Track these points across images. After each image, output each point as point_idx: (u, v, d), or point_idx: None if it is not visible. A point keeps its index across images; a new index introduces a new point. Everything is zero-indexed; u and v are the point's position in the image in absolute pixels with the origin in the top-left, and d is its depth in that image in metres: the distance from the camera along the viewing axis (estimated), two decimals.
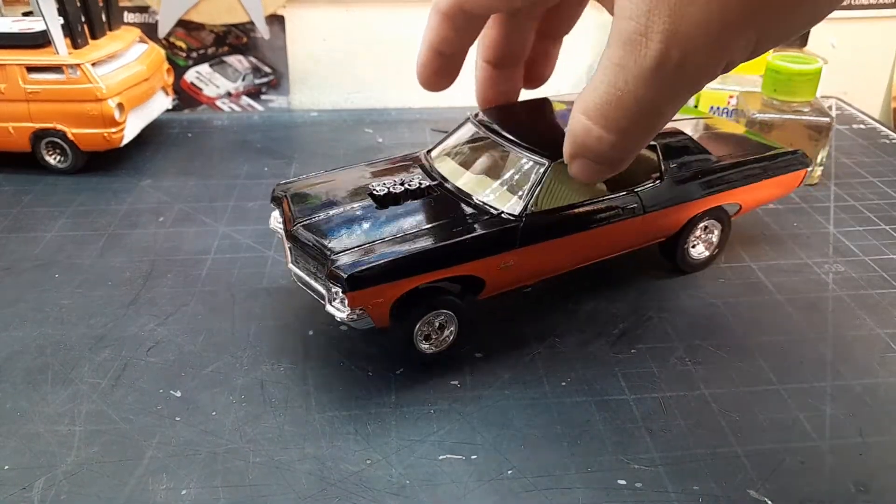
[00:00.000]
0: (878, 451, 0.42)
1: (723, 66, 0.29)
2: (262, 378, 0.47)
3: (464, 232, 0.46)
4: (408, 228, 0.47)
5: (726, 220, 0.59)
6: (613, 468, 0.41)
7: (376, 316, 0.45)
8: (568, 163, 0.35)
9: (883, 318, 0.54)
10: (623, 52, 0.28)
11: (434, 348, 0.48)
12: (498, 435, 0.43)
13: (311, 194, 0.52)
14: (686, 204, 0.55)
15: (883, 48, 1.02)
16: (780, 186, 0.60)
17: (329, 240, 0.46)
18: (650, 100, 0.29)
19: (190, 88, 0.98)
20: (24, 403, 0.45)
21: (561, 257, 0.51)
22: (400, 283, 0.45)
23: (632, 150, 0.33)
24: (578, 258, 0.53)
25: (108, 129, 0.73)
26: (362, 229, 0.47)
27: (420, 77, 0.44)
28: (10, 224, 0.66)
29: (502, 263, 0.48)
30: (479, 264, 0.47)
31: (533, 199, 0.48)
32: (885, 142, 0.86)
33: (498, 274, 0.48)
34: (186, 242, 0.63)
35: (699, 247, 0.59)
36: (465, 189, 0.50)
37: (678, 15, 0.26)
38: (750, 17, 0.27)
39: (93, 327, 0.52)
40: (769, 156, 0.59)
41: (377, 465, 0.41)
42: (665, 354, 0.50)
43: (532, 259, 0.49)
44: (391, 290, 0.45)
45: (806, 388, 0.47)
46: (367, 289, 0.44)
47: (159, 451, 0.42)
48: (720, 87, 0.79)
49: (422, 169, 0.53)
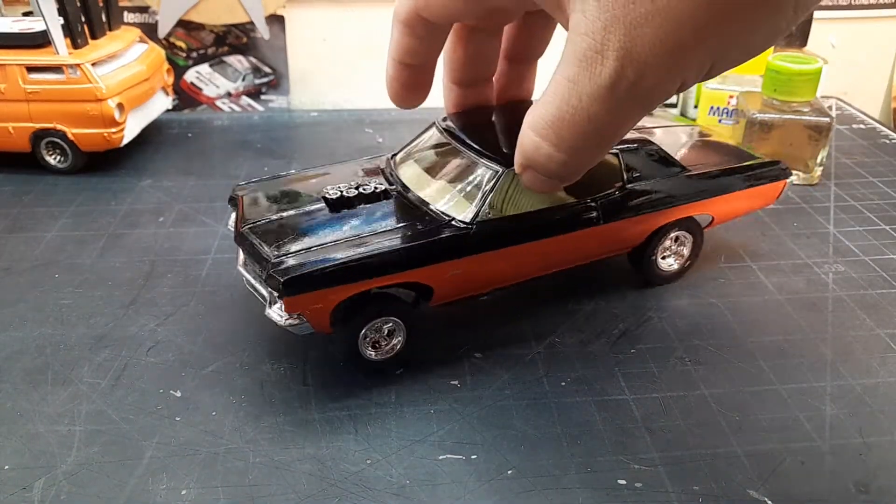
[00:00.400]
0: (878, 451, 0.42)
1: (678, 86, 0.28)
2: (263, 378, 0.47)
3: (411, 238, 0.45)
4: (354, 233, 0.46)
5: (698, 232, 0.57)
6: (613, 468, 0.41)
7: (315, 322, 0.44)
8: (518, 174, 0.35)
9: (883, 318, 0.54)
10: (577, 69, 0.28)
11: (380, 356, 0.47)
12: (498, 435, 0.43)
13: (266, 196, 0.51)
14: (650, 214, 0.53)
15: (883, 48, 1.02)
16: (757, 198, 0.59)
17: (271, 243, 0.45)
18: (603, 118, 0.29)
19: (190, 88, 0.98)
20: (24, 403, 0.45)
21: (515, 266, 0.50)
22: (339, 288, 0.44)
23: (582, 167, 0.32)
24: (534, 268, 0.51)
25: (108, 130, 0.73)
26: (308, 233, 0.46)
27: (390, 92, 0.42)
28: (10, 224, 0.66)
29: (451, 271, 0.46)
30: (426, 271, 0.46)
31: (485, 206, 0.46)
32: (885, 142, 0.86)
33: (447, 282, 0.47)
34: (186, 242, 0.63)
35: (669, 258, 0.57)
36: (420, 194, 0.49)
37: (634, 34, 0.26)
38: (704, 40, 0.26)
39: (93, 327, 0.52)
40: (745, 166, 0.57)
41: (377, 465, 0.41)
42: (665, 354, 0.50)
43: (483, 267, 0.48)
44: (331, 296, 0.44)
45: (806, 388, 0.47)
46: (304, 294, 0.43)
47: (159, 451, 0.42)
48: (720, 87, 0.79)
49: (383, 173, 0.52)
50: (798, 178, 0.73)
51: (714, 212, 0.57)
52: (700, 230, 0.57)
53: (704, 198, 0.55)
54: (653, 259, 0.56)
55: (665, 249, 0.57)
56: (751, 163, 0.58)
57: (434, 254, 0.45)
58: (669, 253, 0.57)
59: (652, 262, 0.56)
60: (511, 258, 0.48)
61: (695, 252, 0.58)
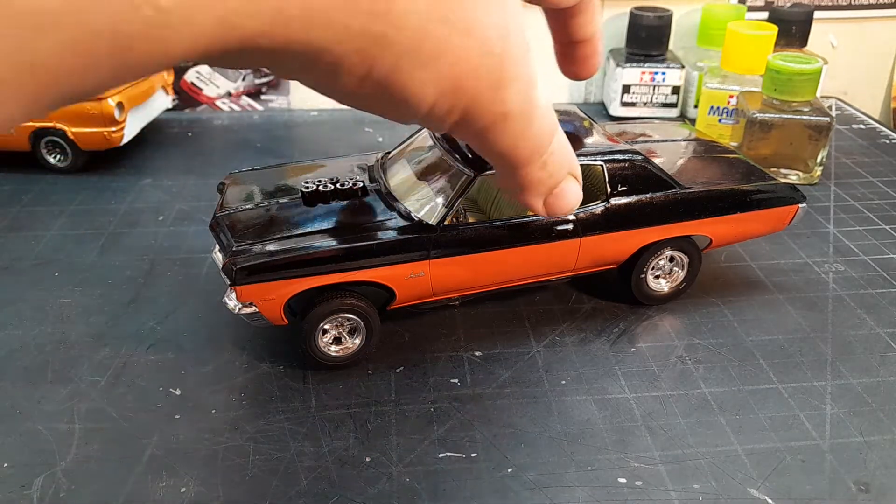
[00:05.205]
0: (878, 450, 0.42)
1: None
2: (262, 376, 0.47)
3: (373, 236, 0.45)
4: (318, 227, 0.45)
5: (695, 254, 0.54)
6: (613, 466, 0.41)
7: (268, 313, 0.45)
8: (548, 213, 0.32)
9: (883, 317, 0.54)
10: None
11: (340, 354, 0.47)
12: (498, 433, 0.43)
13: (251, 185, 0.52)
14: (635, 231, 0.51)
15: (883, 48, 1.02)
16: (762, 222, 0.54)
17: (237, 231, 0.46)
18: None
19: (190, 88, 0.98)
20: (23, 401, 0.45)
21: (482, 273, 0.48)
22: (293, 281, 0.44)
23: None
24: (503, 276, 0.50)
25: (108, 128, 0.73)
26: (274, 224, 0.46)
27: None
28: (9, 223, 0.66)
29: (412, 273, 0.46)
30: (385, 271, 0.45)
31: (453, 210, 0.46)
32: (885, 142, 0.86)
33: (407, 284, 0.46)
34: (186, 241, 0.63)
35: (662, 279, 0.54)
36: (396, 193, 0.49)
37: None
38: None
39: (92, 325, 0.52)
40: (750, 187, 0.53)
41: (377, 463, 0.41)
42: (665, 353, 0.50)
43: (448, 271, 0.47)
44: (283, 288, 0.44)
45: (806, 387, 0.47)
46: (255, 284, 0.43)
47: (159, 449, 0.42)
48: (720, 87, 0.79)
49: (370, 170, 0.52)
50: (798, 177, 0.74)
51: (711, 233, 0.53)
52: (697, 252, 0.54)
53: (699, 217, 0.52)
54: (642, 278, 0.53)
55: (657, 269, 0.54)
56: (759, 184, 0.54)
57: (395, 254, 0.45)
58: (662, 273, 0.54)
59: (641, 280, 0.53)
60: (478, 265, 0.47)
61: (691, 275, 0.55)
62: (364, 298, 0.47)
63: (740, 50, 0.77)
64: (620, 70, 0.88)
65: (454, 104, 0.24)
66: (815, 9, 0.90)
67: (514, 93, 0.25)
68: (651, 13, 0.88)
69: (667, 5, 0.91)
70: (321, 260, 0.44)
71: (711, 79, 0.80)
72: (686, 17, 0.95)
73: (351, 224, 0.46)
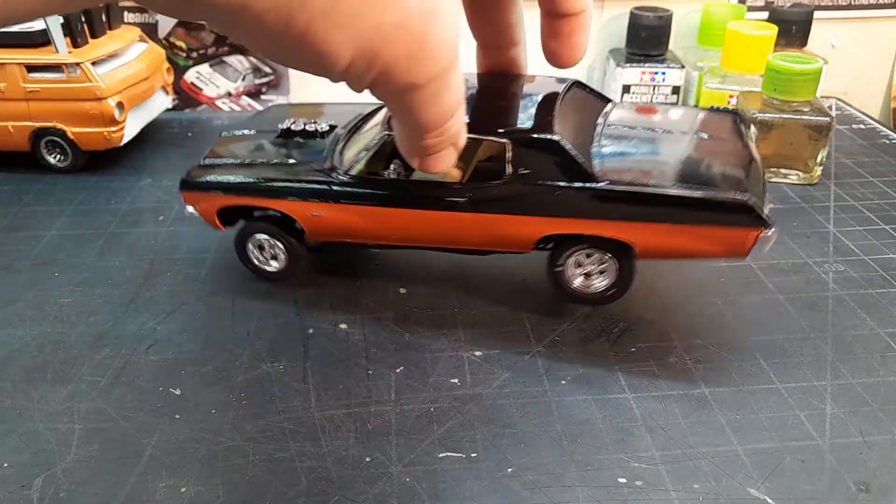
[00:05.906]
0: (878, 450, 0.42)
1: None
2: (262, 376, 0.47)
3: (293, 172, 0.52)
4: (260, 157, 0.54)
5: (623, 259, 0.49)
6: (613, 466, 0.41)
7: (205, 217, 0.55)
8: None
9: (883, 317, 0.54)
10: None
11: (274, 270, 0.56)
12: (498, 433, 0.43)
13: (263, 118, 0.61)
14: (532, 218, 0.48)
15: (883, 48, 1.02)
16: (709, 242, 0.46)
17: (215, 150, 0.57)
18: None
19: (190, 88, 0.98)
20: (23, 401, 0.45)
21: (380, 227, 0.51)
22: (217, 196, 0.53)
23: None
24: (402, 234, 0.51)
25: (108, 128, 0.73)
26: (239, 150, 0.56)
27: None
28: (9, 223, 0.66)
29: (312, 212, 0.52)
30: (291, 205, 0.52)
31: (358, 161, 0.50)
32: (885, 142, 0.86)
33: (310, 221, 0.52)
34: (186, 241, 0.63)
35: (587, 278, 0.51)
36: (341, 142, 0.54)
37: None
38: None
39: (92, 325, 0.52)
40: (691, 199, 0.45)
41: (377, 463, 0.41)
42: (665, 353, 0.50)
43: (343, 217, 0.51)
44: (212, 200, 0.54)
45: (806, 387, 0.47)
46: (191, 192, 0.54)
47: (159, 449, 0.42)
48: (720, 87, 0.79)
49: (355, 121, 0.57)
50: (798, 177, 0.74)
51: (633, 240, 0.47)
52: (628, 257, 0.49)
53: (611, 218, 0.47)
54: (558, 272, 0.51)
55: (583, 267, 0.50)
56: (706, 197, 0.45)
57: (298, 192, 0.51)
58: (592, 272, 0.51)
59: (558, 274, 0.51)
60: (373, 218, 0.51)
61: (620, 283, 0.50)
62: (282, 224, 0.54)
63: (740, 50, 0.77)
64: (620, 70, 0.88)
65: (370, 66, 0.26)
66: (815, 9, 0.90)
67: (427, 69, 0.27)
68: (651, 13, 0.88)
69: (667, 5, 0.91)
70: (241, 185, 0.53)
71: (711, 79, 0.80)
72: (686, 17, 0.95)
73: (285, 160, 0.54)
